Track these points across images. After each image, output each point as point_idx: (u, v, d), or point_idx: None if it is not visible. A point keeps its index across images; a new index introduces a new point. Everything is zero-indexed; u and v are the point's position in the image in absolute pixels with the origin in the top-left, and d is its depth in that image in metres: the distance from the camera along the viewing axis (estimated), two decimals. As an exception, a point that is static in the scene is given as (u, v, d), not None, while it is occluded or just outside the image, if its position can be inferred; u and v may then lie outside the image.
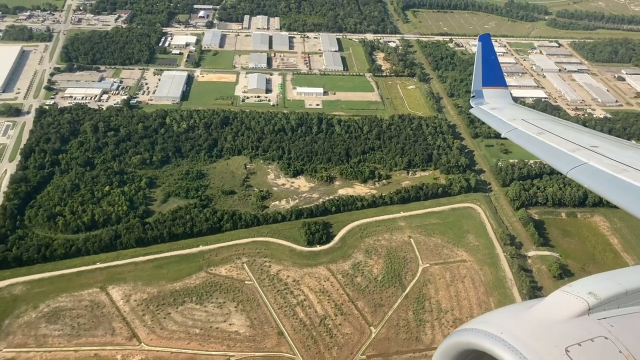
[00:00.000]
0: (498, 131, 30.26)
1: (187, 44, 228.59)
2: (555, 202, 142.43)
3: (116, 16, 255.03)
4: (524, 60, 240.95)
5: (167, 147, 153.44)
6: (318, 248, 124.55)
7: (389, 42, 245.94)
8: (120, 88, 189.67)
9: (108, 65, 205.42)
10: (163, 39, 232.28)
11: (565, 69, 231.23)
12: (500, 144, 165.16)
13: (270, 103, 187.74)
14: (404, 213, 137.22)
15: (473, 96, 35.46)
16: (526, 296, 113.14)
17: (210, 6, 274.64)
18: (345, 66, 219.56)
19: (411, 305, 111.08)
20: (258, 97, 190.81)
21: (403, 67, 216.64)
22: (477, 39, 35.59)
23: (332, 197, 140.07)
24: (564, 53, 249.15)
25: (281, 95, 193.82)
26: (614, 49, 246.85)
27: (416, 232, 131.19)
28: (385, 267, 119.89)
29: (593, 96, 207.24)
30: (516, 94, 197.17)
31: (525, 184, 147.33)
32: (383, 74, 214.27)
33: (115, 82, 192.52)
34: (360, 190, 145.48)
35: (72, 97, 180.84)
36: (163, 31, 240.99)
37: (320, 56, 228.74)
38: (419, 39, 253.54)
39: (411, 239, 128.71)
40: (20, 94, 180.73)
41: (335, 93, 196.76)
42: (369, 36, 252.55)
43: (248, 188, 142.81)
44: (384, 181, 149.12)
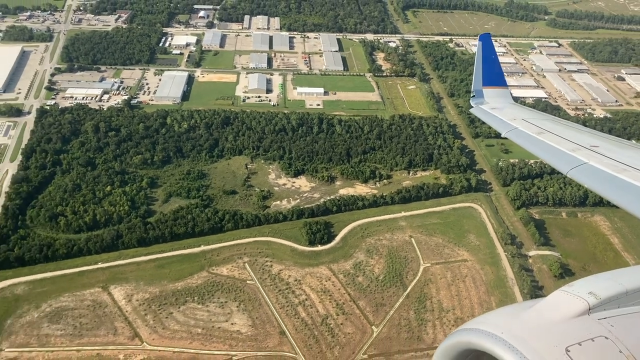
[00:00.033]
0: (498, 131, 30.07)
1: (188, 44, 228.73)
2: (555, 202, 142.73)
3: (116, 16, 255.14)
4: (524, 60, 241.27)
5: (168, 147, 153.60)
6: (319, 248, 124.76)
7: (389, 42, 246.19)
8: (120, 88, 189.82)
9: (108, 65, 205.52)
10: (163, 39, 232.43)
11: (565, 69, 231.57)
12: (500, 144, 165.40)
13: (270, 103, 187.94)
14: (405, 213, 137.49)
15: (473, 96, 35.27)
16: (527, 295, 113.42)
17: (210, 6, 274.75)
18: (345, 66, 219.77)
19: (412, 304, 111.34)
20: (259, 97, 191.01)
21: (403, 67, 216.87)
22: (478, 39, 35.42)
23: (333, 197, 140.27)
24: (564, 53, 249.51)
25: (282, 95, 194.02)
26: (614, 49, 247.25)
27: (417, 232, 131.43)
28: (386, 267, 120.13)
29: (593, 96, 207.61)
30: (516, 94, 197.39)
31: (525, 184, 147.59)
32: (383, 74, 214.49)
33: (115, 83, 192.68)
34: (361, 190, 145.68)
35: (73, 98, 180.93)
36: (163, 31, 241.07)
37: (320, 56, 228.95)
38: (419, 39, 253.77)
39: (412, 239, 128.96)
40: (21, 94, 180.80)
41: (335, 93, 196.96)
42: (369, 36, 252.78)
43: (249, 188, 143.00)
44: (385, 181, 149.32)
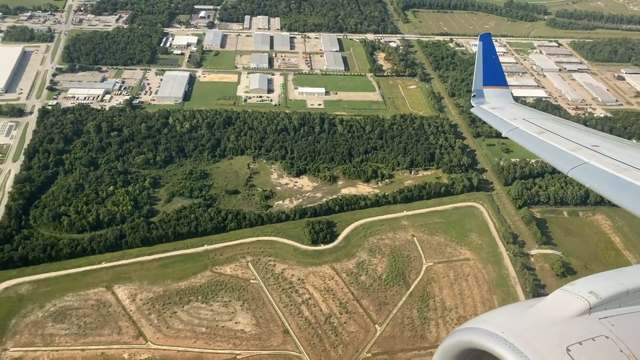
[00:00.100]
0: (499, 130, 30.11)
1: (189, 44, 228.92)
2: (557, 201, 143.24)
3: (117, 17, 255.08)
4: (524, 60, 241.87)
5: (171, 147, 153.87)
6: (322, 247, 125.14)
7: (390, 42, 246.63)
8: (122, 88, 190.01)
9: (110, 65, 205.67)
10: (164, 40, 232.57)
11: (565, 69, 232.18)
12: (501, 143, 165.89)
13: (272, 103, 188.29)
14: (407, 212, 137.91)
15: (474, 95, 35.28)
16: (530, 294, 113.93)
17: (210, 6, 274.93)
18: (346, 66, 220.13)
19: (415, 303, 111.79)
20: (260, 97, 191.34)
21: (404, 67, 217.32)
22: (478, 39, 35.50)
23: (336, 197, 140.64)
24: (564, 53, 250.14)
25: (283, 95, 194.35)
26: (614, 49, 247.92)
27: (419, 231, 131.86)
28: (389, 266, 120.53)
29: (593, 95, 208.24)
30: (517, 94, 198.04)
31: (527, 183, 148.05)
32: (384, 74, 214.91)
33: (117, 83, 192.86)
34: (363, 189, 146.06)
35: (75, 98, 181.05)
36: (164, 31, 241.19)
37: (321, 56, 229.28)
38: (420, 39, 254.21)
39: (414, 238, 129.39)
40: (22, 95, 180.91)
41: (337, 93, 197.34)
42: (370, 36, 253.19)
43: (251, 188, 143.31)
44: (387, 180, 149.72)
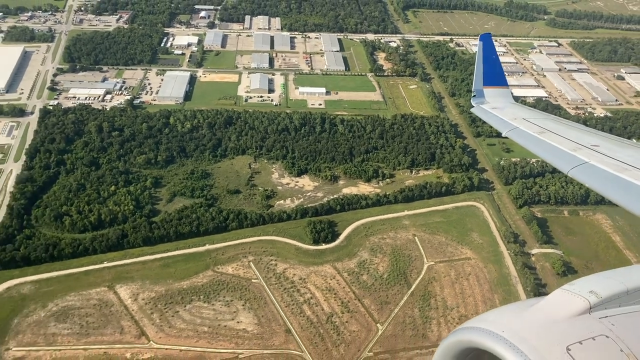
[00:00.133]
0: (499, 130, 30.12)
1: (189, 44, 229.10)
2: (557, 200, 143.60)
3: (117, 17, 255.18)
4: (524, 59, 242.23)
5: (172, 147, 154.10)
6: (323, 246, 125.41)
7: (390, 42, 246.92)
8: (123, 88, 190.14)
9: (110, 65, 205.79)
10: (165, 40, 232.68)
11: (565, 68, 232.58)
12: (502, 143, 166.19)
13: (272, 103, 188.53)
14: (408, 212, 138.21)
15: (474, 95, 35.33)
16: (531, 293, 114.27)
17: (211, 6, 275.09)
18: (346, 66, 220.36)
19: (417, 302, 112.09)
20: (261, 97, 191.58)
21: (404, 67, 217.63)
22: (478, 39, 35.55)
23: (337, 196, 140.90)
24: (564, 52, 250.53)
25: (284, 95, 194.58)
26: (613, 49, 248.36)
27: (420, 231, 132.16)
28: (390, 265, 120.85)
29: (593, 95, 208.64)
30: (517, 94, 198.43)
31: (527, 183, 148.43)
32: (385, 74, 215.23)
33: (118, 83, 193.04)
34: (364, 189, 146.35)
35: (76, 98, 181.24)
36: (165, 32, 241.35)
37: (321, 56, 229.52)
38: (420, 39, 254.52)
39: (416, 237, 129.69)
40: (23, 95, 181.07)
41: (337, 93, 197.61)
42: (370, 36, 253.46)
43: (253, 187, 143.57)
44: (388, 180, 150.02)
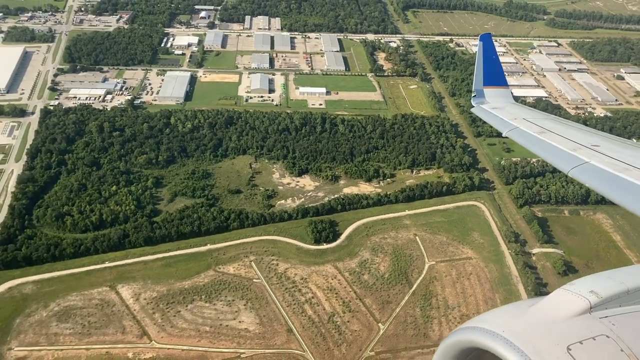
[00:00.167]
0: (499, 130, 30.09)
1: (189, 45, 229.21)
2: (558, 200, 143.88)
3: (117, 17, 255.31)
4: (524, 59, 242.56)
5: (173, 147, 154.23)
6: (325, 246, 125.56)
7: (390, 42, 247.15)
8: (123, 88, 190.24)
9: (111, 66, 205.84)
10: (165, 40, 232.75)
11: (565, 68, 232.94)
12: (502, 143, 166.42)
13: (273, 103, 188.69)
14: (409, 211, 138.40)
15: (474, 95, 35.32)
16: (532, 292, 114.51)
17: (211, 7, 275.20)
18: (347, 66, 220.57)
19: (418, 302, 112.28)
20: (261, 97, 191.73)
21: (404, 67, 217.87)
22: (478, 39, 35.54)
23: (338, 196, 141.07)
24: (564, 52, 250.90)
25: (284, 95, 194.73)
26: (613, 49, 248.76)
27: (421, 230, 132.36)
28: (391, 265, 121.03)
29: (593, 95, 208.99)
30: (517, 94, 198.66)
31: (528, 182, 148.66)
32: (385, 74, 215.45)
33: (118, 83, 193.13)
34: (365, 189, 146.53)
35: (76, 98, 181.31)
36: (165, 32, 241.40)
37: (321, 56, 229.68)
38: (420, 39, 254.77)
39: (417, 237, 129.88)
40: (24, 95, 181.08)
41: (337, 93, 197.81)
42: (370, 36, 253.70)
43: (254, 187, 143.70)
44: (389, 180, 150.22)
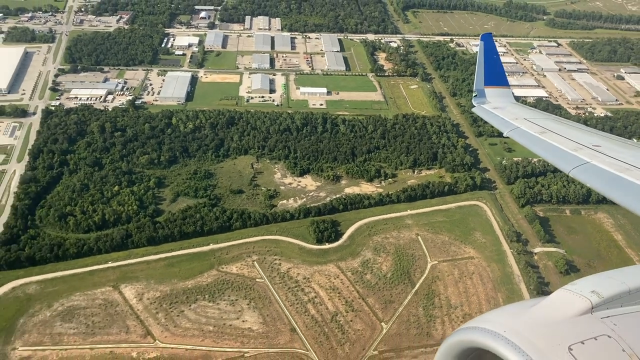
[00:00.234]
0: (500, 130, 30.02)
1: (190, 45, 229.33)
2: (559, 200, 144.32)
3: (117, 17, 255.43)
4: (524, 59, 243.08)
5: (174, 147, 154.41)
6: (327, 246, 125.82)
7: (390, 42, 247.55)
8: (124, 89, 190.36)
9: (112, 66, 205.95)
10: (165, 40, 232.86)
11: (565, 69, 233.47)
12: (503, 143, 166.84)
13: (274, 103, 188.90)
14: (411, 211, 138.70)
15: (475, 95, 35.28)
16: (534, 292, 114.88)
17: (211, 7, 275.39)
18: (347, 66, 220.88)
19: (421, 301, 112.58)
20: (262, 98, 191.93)
21: (405, 67, 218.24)
22: (479, 39, 35.52)
23: (339, 196, 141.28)
24: (564, 53, 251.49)
25: (285, 95, 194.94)
26: (613, 49, 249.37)
27: (423, 230, 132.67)
28: (394, 264, 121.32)
29: (593, 95, 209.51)
30: (517, 93, 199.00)
31: (529, 182, 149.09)
32: (385, 74, 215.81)
33: (119, 83, 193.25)
34: (366, 188, 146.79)
35: (78, 98, 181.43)
36: (165, 32, 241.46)
37: (322, 56, 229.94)
38: (420, 39, 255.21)
39: (419, 237, 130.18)
40: (25, 95, 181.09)
41: (338, 93, 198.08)
42: (370, 36, 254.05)
43: (256, 187, 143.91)
44: (390, 180, 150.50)
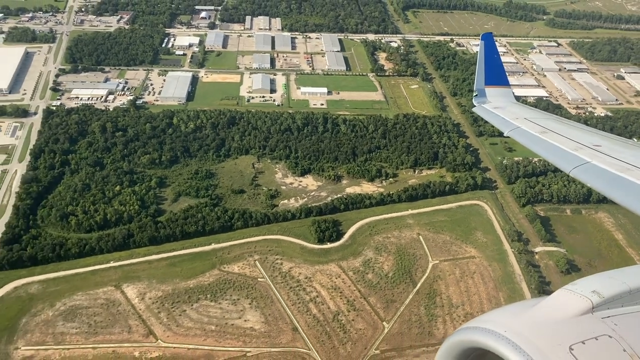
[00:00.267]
0: (501, 130, 29.99)
1: (190, 45, 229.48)
2: (560, 199, 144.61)
3: (118, 17, 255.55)
4: (524, 59, 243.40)
5: (176, 147, 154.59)
6: (328, 245, 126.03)
7: (391, 42, 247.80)
8: (125, 89, 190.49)
9: (112, 66, 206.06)
10: (166, 40, 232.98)
11: (565, 68, 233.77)
12: (504, 142, 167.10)
13: (275, 103, 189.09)
14: (412, 211, 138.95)
15: (476, 95, 35.27)
16: (535, 291, 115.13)
17: (211, 7, 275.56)
18: (348, 66, 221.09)
19: (422, 300, 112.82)
20: (263, 97, 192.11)
21: (405, 67, 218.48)
22: (480, 38, 35.43)
23: (340, 196, 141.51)
24: (564, 52, 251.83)
25: (285, 95, 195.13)
26: (613, 48, 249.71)
27: (425, 229, 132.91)
28: (395, 264, 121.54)
29: (593, 95, 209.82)
30: (518, 93, 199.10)
31: (530, 181, 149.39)
32: (386, 74, 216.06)
33: (120, 83, 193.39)
34: (367, 188, 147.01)
35: (79, 98, 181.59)
36: (166, 32, 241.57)
37: (322, 56, 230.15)
38: (420, 39, 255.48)
39: (420, 236, 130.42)
40: (26, 95, 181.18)
41: (339, 93, 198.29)
42: (371, 36, 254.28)
43: (257, 187, 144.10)
44: (391, 179, 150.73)
